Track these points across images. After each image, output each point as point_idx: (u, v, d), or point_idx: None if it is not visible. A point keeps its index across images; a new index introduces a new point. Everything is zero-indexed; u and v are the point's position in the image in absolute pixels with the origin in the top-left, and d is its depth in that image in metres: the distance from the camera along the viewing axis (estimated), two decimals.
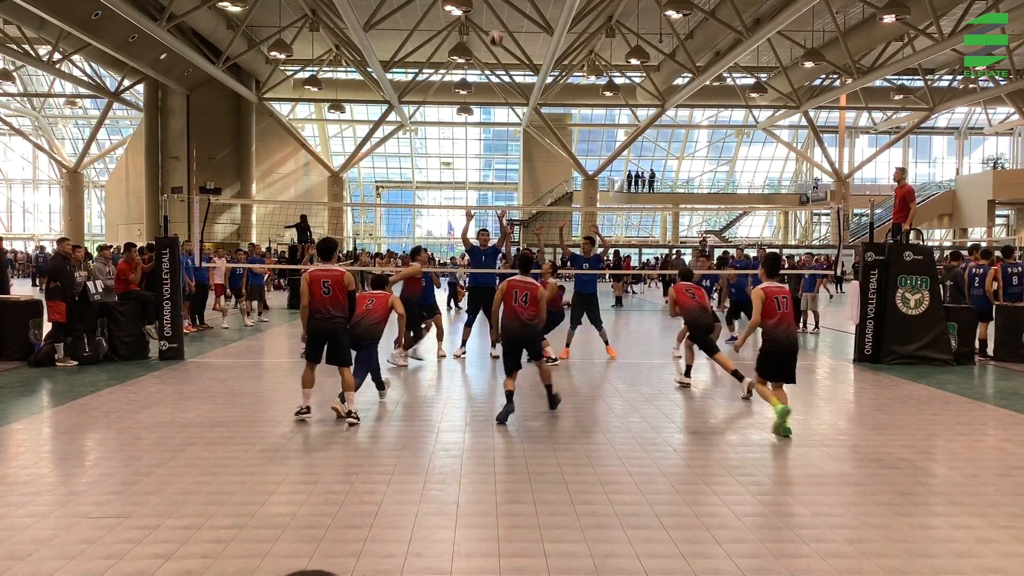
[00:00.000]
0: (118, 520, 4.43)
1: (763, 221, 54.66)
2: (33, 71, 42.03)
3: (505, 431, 6.71)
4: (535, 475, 5.38)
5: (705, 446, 6.30)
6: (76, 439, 6.54)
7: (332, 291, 6.85)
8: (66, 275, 10.49)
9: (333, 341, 6.93)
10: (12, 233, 51.51)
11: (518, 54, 32.63)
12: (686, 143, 50.99)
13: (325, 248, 7.22)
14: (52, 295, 10.37)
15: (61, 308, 10.32)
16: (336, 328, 6.91)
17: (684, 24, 30.05)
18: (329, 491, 4.99)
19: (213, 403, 7.77)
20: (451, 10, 23.31)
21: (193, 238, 12.98)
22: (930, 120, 44.16)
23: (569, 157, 42.68)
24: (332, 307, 6.86)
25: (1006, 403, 8.24)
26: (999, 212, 45.64)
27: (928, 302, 10.84)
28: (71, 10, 25.67)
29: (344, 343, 7.03)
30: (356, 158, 43.56)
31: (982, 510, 4.76)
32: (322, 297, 6.84)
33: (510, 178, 52.56)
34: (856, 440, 6.58)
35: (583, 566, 3.86)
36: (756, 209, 49.72)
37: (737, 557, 3.98)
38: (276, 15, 30.76)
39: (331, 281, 6.86)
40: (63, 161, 45.57)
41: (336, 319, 6.90)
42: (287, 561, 3.89)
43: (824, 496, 5.02)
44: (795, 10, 22.92)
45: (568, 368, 10.30)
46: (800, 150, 49.05)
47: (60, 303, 10.34)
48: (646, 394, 8.53)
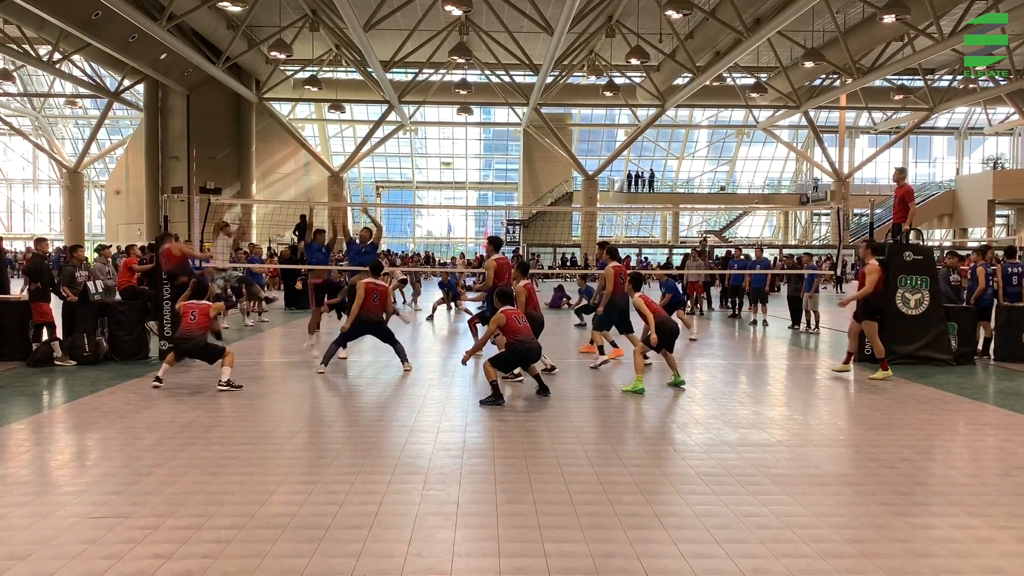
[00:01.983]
0: (118, 520, 4.43)
1: (763, 221, 54.66)
2: (33, 71, 42.03)
3: (505, 431, 6.71)
4: (535, 475, 5.38)
5: (705, 446, 6.30)
6: (76, 439, 6.54)
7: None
8: (45, 274, 10.51)
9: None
10: (12, 233, 51.52)
11: (518, 54, 32.63)
12: (686, 143, 51.00)
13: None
14: (34, 296, 10.38)
15: (43, 309, 10.33)
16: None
17: (684, 24, 30.05)
18: (329, 491, 4.99)
19: (213, 403, 7.77)
20: (451, 10, 23.32)
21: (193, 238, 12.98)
22: (930, 120, 44.18)
23: (569, 157, 42.68)
24: (526, 333, 8.23)
25: (1006, 403, 8.24)
26: (999, 212, 45.64)
27: (928, 302, 10.84)
28: (71, 10, 25.67)
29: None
30: (356, 158, 43.56)
31: (982, 510, 4.76)
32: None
33: (510, 178, 52.59)
34: (856, 440, 6.58)
35: (583, 566, 3.87)
36: (756, 209, 49.73)
37: (737, 557, 3.98)
38: (276, 15, 30.76)
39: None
40: (63, 161, 45.56)
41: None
42: (287, 561, 3.89)
43: (824, 496, 5.02)
44: (795, 10, 22.93)
45: (568, 368, 10.30)
46: (800, 150, 49.06)
47: (42, 304, 10.35)
48: (646, 394, 8.52)
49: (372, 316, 9.61)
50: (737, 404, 8.13)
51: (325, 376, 9.56)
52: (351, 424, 7.06)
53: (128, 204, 42.38)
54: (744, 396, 8.68)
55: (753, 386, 9.51)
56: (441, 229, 54.57)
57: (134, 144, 42.82)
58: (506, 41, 32.00)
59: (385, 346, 10.20)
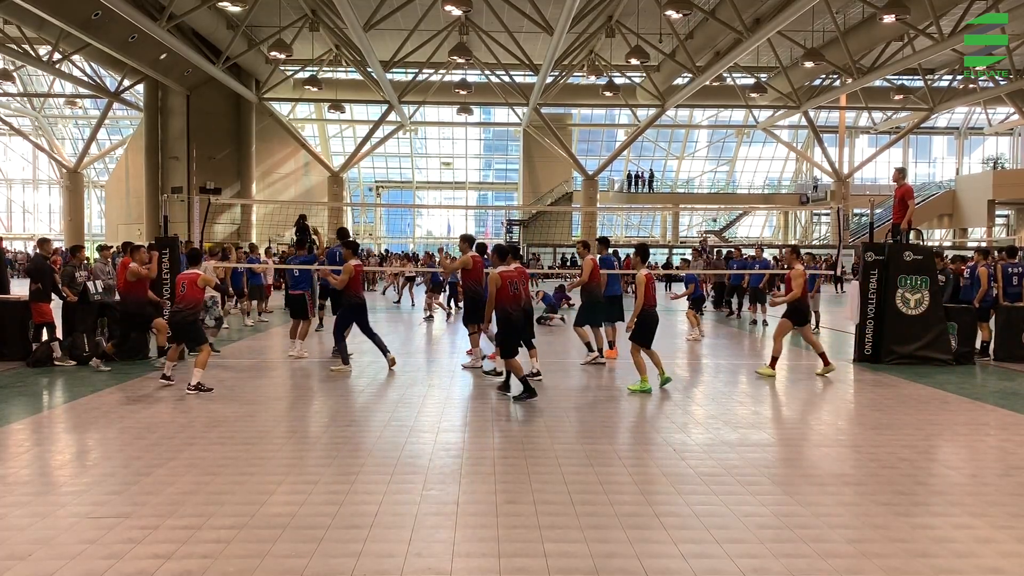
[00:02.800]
0: (118, 520, 4.43)
1: (763, 221, 54.66)
2: (33, 71, 42.02)
3: (505, 431, 6.71)
4: (535, 475, 5.38)
5: (705, 446, 6.30)
6: (76, 439, 6.54)
7: (517, 287, 8.48)
8: (47, 275, 10.50)
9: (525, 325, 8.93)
10: (12, 233, 51.50)
11: (518, 54, 32.62)
12: (686, 143, 50.98)
13: (513, 249, 9.34)
14: (34, 297, 10.38)
15: (44, 309, 10.33)
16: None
17: (684, 24, 30.04)
18: (329, 491, 5.00)
19: (213, 403, 7.77)
20: (451, 10, 23.29)
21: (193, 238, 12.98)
22: (930, 120, 44.15)
23: (569, 157, 42.67)
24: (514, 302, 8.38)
25: (1006, 403, 8.24)
26: (999, 212, 45.62)
27: (928, 302, 10.84)
28: (71, 10, 25.66)
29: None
30: (356, 158, 43.53)
31: (982, 510, 4.76)
32: (511, 294, 8.33)
33: (510, 178, 52.57)
34: (856, 440, 6.58)
35: (583, 566, 3.86)
36: (756, 209, 49.68)
37: (737, 557, 3.98)
38: (276, 15, 30.73)
39: (518, 280, 8.53)
40: (63, 161, 45.55)
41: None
42: (287, 561, 3.89)
43: (824, 496, 5.02)
44: (795, 10, 22.91)
45: (568, 369, 10.30)
46: (800, 150, 49.05)
47: (42, 304, 10.35)
48: (646, 394, 8.52)
49: (357, 299, 9.97)
50: (737, 404, 8.13)
51: (325, 376, 9.56)
52: (351, 424, 7.05)
53: (128, 204, 42.36)
54: (744, 396, 8.68)
55: (753, 386, 9.51)
56: (441, 229, 54.55)
57: (134, 144, 42.80)
58: (506, 41, 31.99)
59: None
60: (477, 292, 10.00)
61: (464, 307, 10.66)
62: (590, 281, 10.40)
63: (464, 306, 10.69)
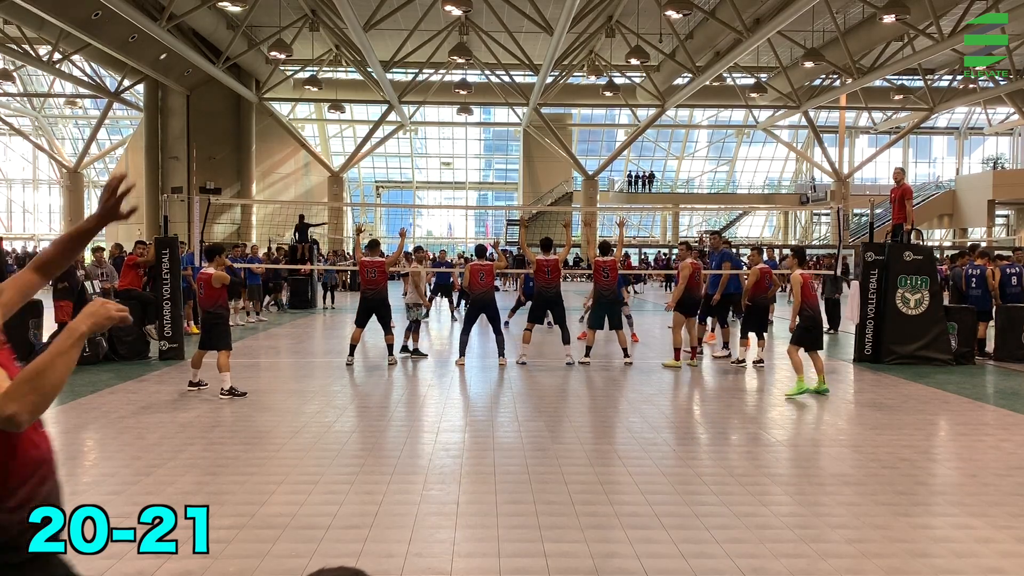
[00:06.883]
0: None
1: (763, 221, 54.65)
2: (33, 71, 42.00)
3: (505, 431, 6.71)
4: (535, 475, 5.38)
5: (705, 446, 6.30)
6: (76, 439, 6.54)
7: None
8: (73, 275, 10.55)
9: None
10: (12, 233, 51.48)
11: (518, 54, 32.62)
12: (686, 143, 50.96)
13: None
14: (60, 295, 10.39)
15: (69, 308, 10.34)
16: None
17: (684, 24, 30.03)
18: (329, 491, 5.00)
19: (213, 403, 7.77)
20: (451, 10, 23.28)
21: (193, 238, 12.98)
22: (930, 120, 44.12)
23: (569, 157, 42.66)
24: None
25: (1006, 403, 8.24)
26: (999, 212, 45.61)
27: (928, 302, 10.84)
28: (71, 10, 25.64)
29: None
30: (356, 158, 43.52)
31: (982, 510, 4.76)
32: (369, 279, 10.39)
33: (510, 178, 52.55)
34: (856, 440, 6.58)
35: (583, 566, 3.86)
36: (756, 209, 49.64)
37: (737, 557, 3.98)
38: (276, 15, 30.73)
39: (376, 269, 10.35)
40: (63, 161, 45.53)
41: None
42: (287, 561, 3.89)
43: (824, 496, 5.02)
44: (795, 10, 22.91)
45: (567, 369, 10.30)
46: (800, 150, 49.04)
47: (68, 303, 10.36)
48: (646, 394, 8.53)
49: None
50: (737, 404, 8.13)
51: (325, 376, 9.56)
52: (351, 424, 7.06)
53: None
54: (744, 396, 8.68)
55: (753, 386, 9.51)
56: (441, 229, 54.53)
57: (134, 144, 42.79)
58: (506, 41, 31.98)
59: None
60: (551, 287, 10.60)
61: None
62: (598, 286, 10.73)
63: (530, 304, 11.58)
